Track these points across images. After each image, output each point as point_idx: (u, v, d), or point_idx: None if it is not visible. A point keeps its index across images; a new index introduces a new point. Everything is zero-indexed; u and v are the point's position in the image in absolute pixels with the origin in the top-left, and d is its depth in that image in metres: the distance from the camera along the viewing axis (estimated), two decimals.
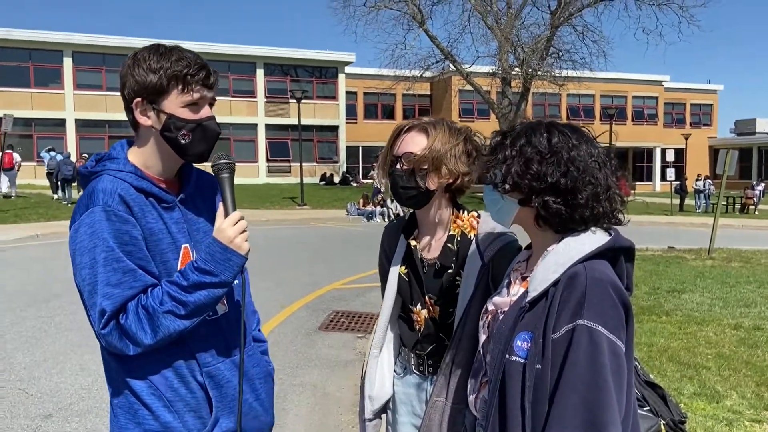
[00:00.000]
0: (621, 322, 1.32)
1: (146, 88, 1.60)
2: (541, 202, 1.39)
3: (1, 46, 29.30)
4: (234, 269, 1.57)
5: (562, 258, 1.37)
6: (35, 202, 20.82)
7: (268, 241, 14.51)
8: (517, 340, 1.36)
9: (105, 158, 1.67)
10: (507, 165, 1.42)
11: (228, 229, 1.57)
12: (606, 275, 1.34)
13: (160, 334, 1.52)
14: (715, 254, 12.09)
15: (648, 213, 25.64)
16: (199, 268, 1.55)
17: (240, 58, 33.54)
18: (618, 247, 1.39)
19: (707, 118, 48.21)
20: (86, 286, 1.54)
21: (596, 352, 1.26)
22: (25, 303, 7.63)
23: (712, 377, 4.91)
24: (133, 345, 1.53)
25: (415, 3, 26.34)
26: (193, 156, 1.67)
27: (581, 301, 1.30)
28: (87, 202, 1.56)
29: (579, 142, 1.41)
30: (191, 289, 1.53)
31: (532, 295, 1.38)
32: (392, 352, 2.06)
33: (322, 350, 6.06)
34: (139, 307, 1.52)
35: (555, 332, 1.31)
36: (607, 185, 1.41)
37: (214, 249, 1.56)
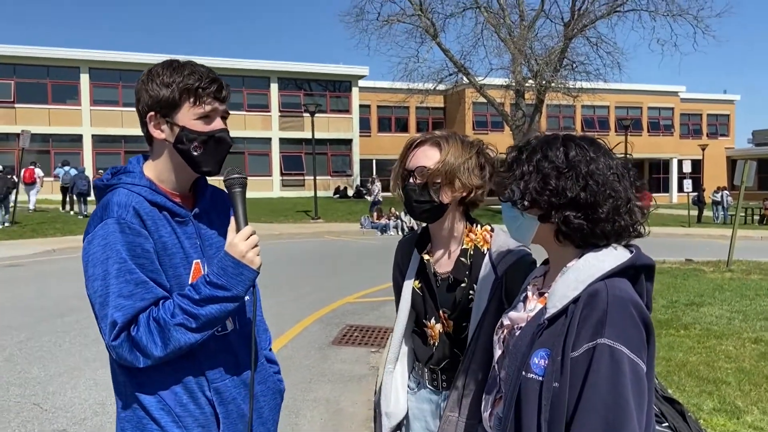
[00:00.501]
0: (642, 342, 1.29)
1: (159, 102, 1.62)
2: (561, 218, 1.37)
3: (19, 64, 29.82)
4: (246, 284, 1.58)
5: (583, 275, 1.34)
6: (52, 217, 21.05)
7: (281, 255, 14.54)
8: (535, 357, 1.34)
9: (121, 172, 1.69)
10: (525, 181, 1.40)
11: (240, 243, 1.58)
12: (627, 293, 1.31)
13: (171, 347, 1.52)
14: (733, 266, 11.92)
15: (664, 225, 25.40)
16: (211, 282, 1.55)
17: (254, 73, 33.85)
18: (639, 265, 1.37)
19: (724, 128, 47.79)
20: (98, 298, 1.54)
21: (618, 373, 1.24)
22: (41, 317, 7.68)
23: (732, 392, 4.81)
24: (144, 357, 1.52)
25: (428, 16, 26.45)
26: (206, 168, 1.68)
27: (602, 320, 1.27)
28: (101, 214, 1.58)
29: (597, 155, 1.39)
30: (203, 302, 1.53)
31: (551, 311, 1.35)
32: (406, 367, 2.04)
33: (335, 365, 6.02)
34: (150, 320, 1.52)
35: (575, 350, 1.28)
36: (627, 197, 1.39)
37: (226, 263, 1.57)
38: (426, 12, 26.40)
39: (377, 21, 26.62)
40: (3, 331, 7.06)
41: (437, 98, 35.35)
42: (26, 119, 29.09)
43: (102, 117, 31.05)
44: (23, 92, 29.97)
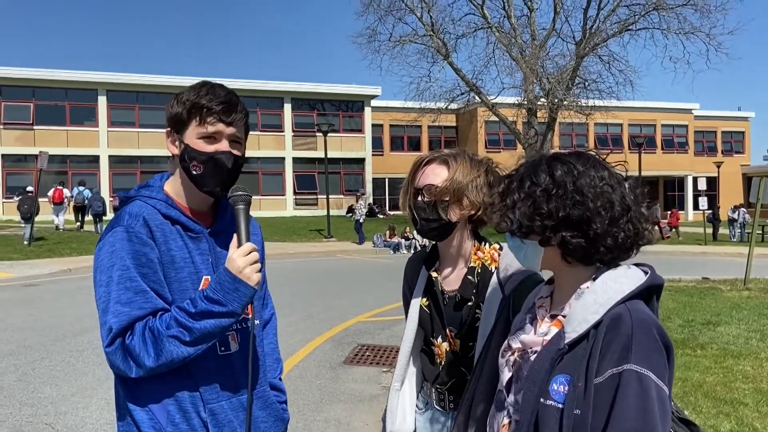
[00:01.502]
0: (665, 366, 1.26)
1: (173, 119, 1.69)
2: (559, 240, 1.34)
3: (39, 86, 30.37)
4: (242, 300, 1.57)
5: (601, 298, 1.31)
6: (68, 237, 21.27)
7: (294, 274, 14.56)
8: (554, 383, 1.30)
9: (141, 186, 1.75)
10: (518, 209, 1.38)
11: (238, 259, 1.58)
12: (650, 317, 1.28)
13: (163, 359, 1.52)
14: (751, 285, 11.75)
15: (680, 243, 25.15)
16: (207, 296, 1.56)
17: (268, 94, 34.20)
18: (654, 285, 1.34)
19: (739, 145, 47.43)
20: (101, 304, 1.58)
21: (646, 399, 1.21)
22: (55, 337, 7.73)
23: (750, 413, 4.72)
24: (136, 366, 1.53)
25: (440, 37, 26.64)
26: (206, 188, 1.69)
27: (628, 345, 1.24)
28: (113, 224, 1.64)
29: (585, 168, 1.35)
30: (198, 316, 1.54)
31: (572, 336, 1.31)
32: (414, 386, 2.03)
33: (347, 384, 5.99)
34: (146, 329, 1.53)
35: (598, 376, 1.25)
36: (626, 206, 1.35)
37: (223, 278, 1.57)
38: (437, 32, 26.61)
39: (389, 42, 26.90)
40: (17, 350, 7.11)
41: (449, 117, 35.47)
42: (45, 141, 29.56)
43: (119, 138, 31.47)
44: (42, 114, 30.50)
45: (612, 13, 25.50)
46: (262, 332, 1.91)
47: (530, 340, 1.44)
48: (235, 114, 1.67)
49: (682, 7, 24.46)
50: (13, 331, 8.09)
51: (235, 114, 1.67)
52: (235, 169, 1.69)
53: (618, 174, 1.40)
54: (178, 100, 1.68)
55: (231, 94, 1.69)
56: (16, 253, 17.31)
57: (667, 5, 24.54)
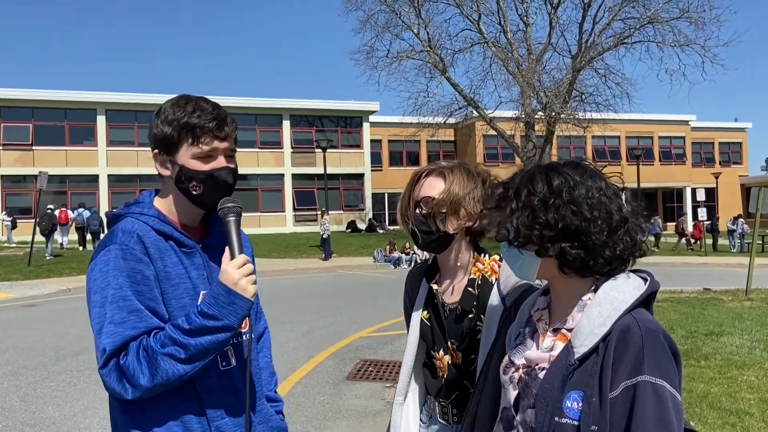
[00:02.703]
0: (677, 374, 1.25)
1: (162, 140, 1.63)
2: (557, 250, 1.32)
3: (38, 107, 30.51)
4: (239, 313, 1.53)
5: (606, 309, 1.30)
6: (67, 257, 21.25)
7: (295, 290, 14.52)
8: (567, 400, 1.28)
9: (132, 203, 1.71)
10: (515, 218, 1.36)
11: (233, 271, 1.54)
12: (656, 325, 1.27)
13: (158, 378, 1.48)
14: (752, 295, 11.73)
15: (680, 254, 25.13)
16: (202, 312, 1.51)
17: (266, 111, 34.36)
18: (653, 293, 1.34)
19: (737, 156, 47.58)
20: (95, 326, 1.53)
21: (663, 409, 1.20)
22: (56, 357, 7.70)
23: (756, 424, 4.70)
24: (132, 388, 1.48)
25: (437, 52, 26.84)
26: (207, 205, 1.67)
27: (639, 356, 1.23)
28: (106, 242, 1.59)
29: (582, 179, 1.35)
30: (193, 333, 1.49)
31: (581, 351, 1.29)
32: (417, 400, 2.01)
33: (350, 401, 5.96)
34: (140, 348, 1.49)
35: (612, 390, 1.23)
36: (623, 217, 1.34)
37: (217, 292, 1.52)
38: (435, 48, 26.81)
39: (387, 58, 27.08)
40: (18, 371, 7.08)
41: (447, 131, 35.57)
42: (44, 161, 29.64)
43: (118, 157, 31.55)
44: (41, 135, 30.62)
45: (607, 27, 25.73)
46: (257, 346, 1.90)
47: (536, 357, 1.41)
48: (227, 128, 1.64)
49: (676, 20, 24.70)
50: (14, 352, 8.05)
51: (227, 128, 1.64)
52: (234, 182, 1.69)
53: (614, 185, 1.39)
54: (163, 120, 1.61)
55: (218, 107, 1.65)
56: (16, 273, 17.28)
57: (661, 18, 24.77)
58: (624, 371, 1.23)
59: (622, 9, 25.29)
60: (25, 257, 19.52)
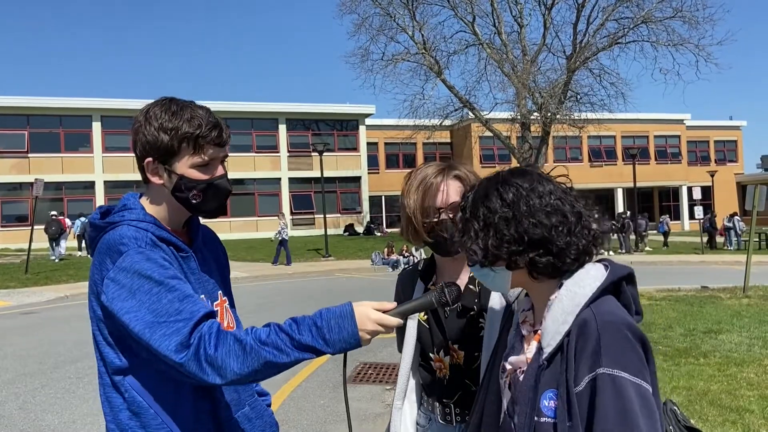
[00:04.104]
0: (642, 362, 1.26)
1: (158, 149, 1.56)
2: (527, 261, 1.35)
3: (33, 114, 30.46)
4: (343, 350, 1.46)
5: (568, 305, 1.32)
6: (65, 264, 21.20)
7: (293, 294, 14.51)
8: (543, 399, 1.31)
9: (119, 209, 1.63)
10: (481, 240, 1.38)
11: (370, 323, 1.46)
12: (616, 315, 1.29)
13: (247, 370, 1.40)
14: (750, 292, 11.76)
15: (678, 252, 25.18)
16: (321, 332, 1.43)
17: (263, 115, 34.35)
18: (617, 279, 1.35)
19: (732, 154, 47.71)
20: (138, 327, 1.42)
21: (623, 400, 1.21)
22: (55, 364, 7.68)
23: (756, 420, 4.71)
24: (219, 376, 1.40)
25: (432, 54, 26.86)
26: (205, 213, 1.65)
27: (597, 349, 1.25)
28: (117, 249, 1.49)
29: (532, 186, 1.38)
30: (300, 347, 1.42)
31: (548, 350, 1.32)
32: (414, 403, 2.00)
33: (350, 403, 5.94)
34: (231, 340, 1.40)
35: (577, 385, 1.26)
36: (578, 214, 1.37)
37: (347, 324, 1.44)
38: (429, 50, 26.84)
39: (382, 61, 27.09)
40: (17, 378, 7.05)
41: (444, 133, 35.69)
42: (40, 168, 29.59)
43: (114, 163, 31.51)
44: (36, 142, 30.56)
45: (601, 27, 25.78)
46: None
47: (517, 360, 1.44)
48: (225, 134, 1.61)
49: (670, 20, 24.73)
50: (12, 360, 8.03)
51: (225, 134, 1.61)
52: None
53: (562, 185, 1.42)
54: (157, 127, 1.54)
55: (210, 112, 1.61)
56: (14, 281, 17.23)
57: (655, 18, 24.82)
58: (584, 366, 1.25)
59: (616, 9, 25.36)
60: (22, 265, 19.48)
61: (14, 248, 27.27)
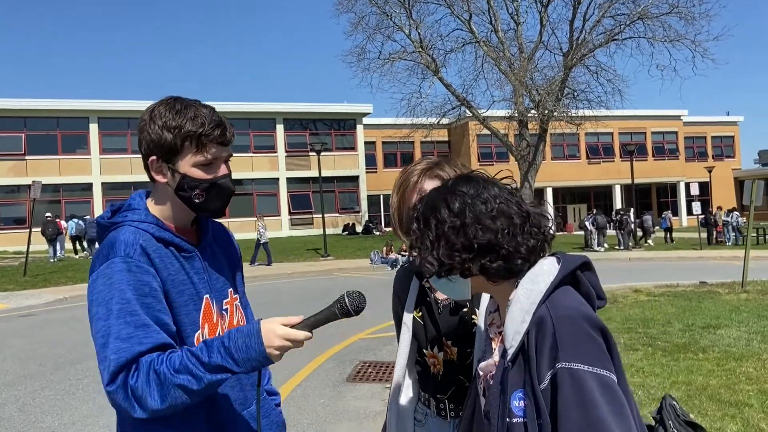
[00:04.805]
0: (602, 352, 1.26)
1: (161, 147, 1.58)
2: (479, 267, 1.37)
3: (30, 117, 30.42)
4: (253, 368, 1.49)
5: (525, 304, 1.33)
6: (63, 266, 21.18)
7: (293, 294, 14.51)
8: (513, 400, 1.32)
9: (124, 209, 1.65)
10: (435, 251, 1.39)
11: (277, 339, 1.47)
12: (571, 308, 1.29)
13: (167, 403, 1.44)
14: (749, 287, 11.78)
15: (676, 248, 25.21)
16: (229, 352, 1.45)
17: (260, 115, 34.34)
18: (571, 270, 1.36)
19: (729, 150, 47.78)
20: (99, 338, 1.48)
21: (583, 392, 1.21)
22: (54, 366, 7.67)
23: (756, 415, 4.72)
24: (140, 408, 1.44)
25: (429, 53, 26.85)
26: (208, 212, 1.66)
27: (554, 344, 1.26)
28: (107, 253, 1.52)
29: (476, 192, 1.39)
30: (212, 368, 1.44)
31: (511, 352, 1.33)
32: (411, 398, 2.02)
33: (350, 402, 5.96)
34: (151, 371, 1.44)
35: (541, 382, 1.27)
36: (525, 213, 1.39)
37: (253, 343, 1.46)
38: (426, 48, 26.82)
39: (379, 60, 27.06)
40: (17, 380, 7.05)
41: (441, 132, 35.64)
42: (37, 170, 29.56)
43: (111, 165, 31.48)
44: (34, 144, 30.52)
45: (597, 24, 25.77)
46: None
47: (485, 366, 1.46)
48: (228, 133, 1.61)
49: (666, 15, 24.74)
50: (12, 362, 8.02)
51: (228, 133, 1.61)
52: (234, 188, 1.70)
53: (507, 186, 1.44)
54: (162, 125, 1.56)
55: (215, 111, 1.61)
56: (12, 283, 17.21)
57: (651, 14, 24.82)
58: (545, 362, 1.26)
59: (612, 5, 25.34)
60: (20, 267, 19.46)
61: (12, 251, 27.24)
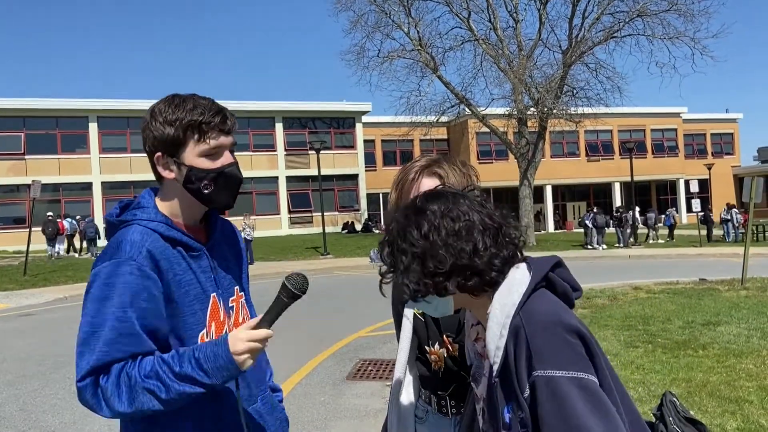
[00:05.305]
0: (579, 355, 1.24)
1: (165, 142, 1.58)
2: (456, 285, 1.34)
3: (29, 116, 30.40)
4: (227, 379, 1.49)
5: (500, 318, 1.32)
6: (63, 265, 21.18)
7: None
8: (506, 414, 1.31)
9: (133, 207, 1.65)
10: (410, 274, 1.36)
11: (240, 344, 1.47)
12: (545, 313, 1.28)
13: (135, 407, 1.45)
14: (748, 284, 11.79)
15: (676, 245, 25.22)
16: (198, 363, 1.46)
17: (259, 114, 34.33)
18: (543, 275, 1.35)
19: (729, 147, 47.78)
20: (82, 334, 1.48)
21: (558, 399, 1.20)
22: (54, 366, 7.68)
23: (756, 411, 4.72)
24: (107, 408, 1.45)
25: (428, 51, 26.84)
26: (219, 203, 1.64)
27: (528, 354, 1.24)
28: (112, 252, 1.52)
29: (444, 210, 1.36)
30: (181, 378, 1.45)
31: (496, 368, 1.32)
32: (412, 395, 2.02)
33: (350, 400, 5.96)
34: (122, 373, 1.45)
35: (523, 393, 1.26)
36: (497, 226, 1.37)
37: (220, 352, 1.47)
38: (425, 47, 26.81)
39: (378, 58, 27.07)
40: (17, 380, 7.05)
41: (440, 130, 35.65)
42: (37, 170, 29.54)
43: (111, 164, 31.48)
44: (33, 143, 30.52)
45: (597, 21, 25.77)
46: None
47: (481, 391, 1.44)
48: (229, 120, 1.61)
49: (665, 13, 24.72)
50: (12, 362, 8.02)
51: (229, 121, 1.61)
52: (242, 177, 1.69)
53: (477, 198, 1.42)
54: (162, 121, 1.56)
55: (215, 101, 1.62)
56: (12, 283, 17.22)
57: (650, 11, 24.81)
58: (523, 373, 1.25)
59: (611, 3, 25.33)
60: (20, 266, 19.46)
61: (12, 250, 27.24)
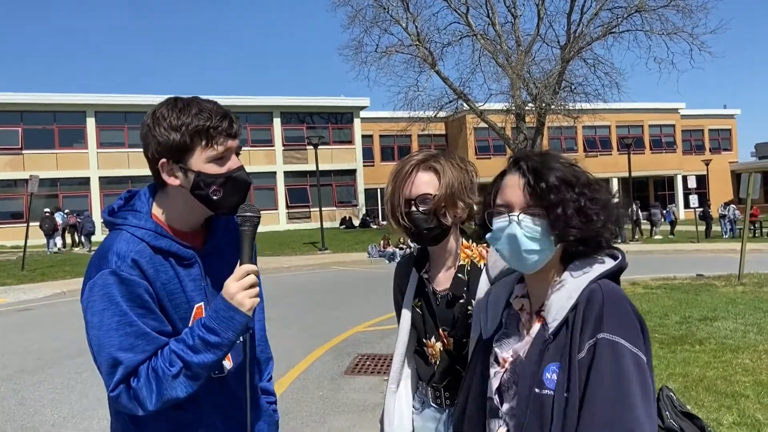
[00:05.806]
0: (639, 336, 1.31)
1: (170, 148, 1.53)
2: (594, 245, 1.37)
3: (26, 111, 30.30)
4: (237, 328, 1.49)
5: (574, 284, 1.37)
6: (61, 260, 21.17)
7: (290, 287, 14.53)
8: (546, 372, 1.33)
9: (128, 207, 1.63)
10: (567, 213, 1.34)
11: (231, 284, 1.50)
12: (621, 291, 1.35)
13: (167, 398, 1.48)
14: (745, 280, 11.83)
15: (673, 241, 25.27)
16: (205, 324, 1.49)
17: (257, 109, 34.24)
18: (622, 268, 1.40)
19: (726, 143, 47.81)
20: (94, 346, 1.51)
21: (620, 365, 1.24)
22: (53, 360, 7.68)
23: (752, 405, 4.75)
24: (141, 408, 1.48)
25: (426, 46, 26.80)
26: (227, 209, 1.61)
27: (600, 315, 1.29)
28: (99, 263, 1.53)
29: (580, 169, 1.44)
30: (197, 348, 1.48)
31: (554, 325, 1.35)
32: (410, 387, 2.05)
33: (348, 395, 5.98)
34: (149, 370, 1.48)
35: (580, 352, 1.29)
36: (617, 203, 1.43)
37: (219, 305, 1.50)
38: (423, 42, 26.77)
39: (376, 53, 27.03)
40: (16, 375, 7.06)
41: (438, 125, 35.62)
42: (34, 165, 29.45)
43: (109, 159, 31.41)
44: (31, 138, 30.43)
45: (595, 17, 25.75)
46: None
47: (521, 347, 1.45)
48: (235, 124, 1.58)
49: (663, 8, 24.72)
50: (10, 356, 8.03)
51: (235, 124, 1.58)
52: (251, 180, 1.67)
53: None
54: (167, 126, 1.51)
55: (217, 104, 1.59)
56: (10, 278, 17.20)
57: (648, 7, 24.80)
58: (587, 332, 1.29)
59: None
60: (18, 261, 19.44)
61: (10, 245, 27.20)
